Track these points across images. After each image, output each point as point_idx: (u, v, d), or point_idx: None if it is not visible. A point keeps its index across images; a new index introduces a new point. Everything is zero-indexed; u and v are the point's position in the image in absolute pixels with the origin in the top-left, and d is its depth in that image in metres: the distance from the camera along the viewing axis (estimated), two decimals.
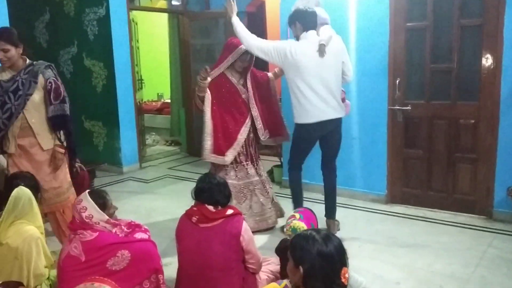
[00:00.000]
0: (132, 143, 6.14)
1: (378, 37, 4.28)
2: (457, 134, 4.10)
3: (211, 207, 2.46)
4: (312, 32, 3.53)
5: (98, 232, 2.32)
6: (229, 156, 3.82)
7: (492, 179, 3.94)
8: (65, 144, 3.32)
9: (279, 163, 5.46)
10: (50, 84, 3.19)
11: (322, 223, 3.98)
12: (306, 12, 3.55)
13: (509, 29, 3.71)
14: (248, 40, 3.59)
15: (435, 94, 4.16)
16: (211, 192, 2.48)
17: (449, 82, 4.07)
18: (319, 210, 4.31)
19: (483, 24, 3.85)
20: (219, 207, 2.49)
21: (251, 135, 3.98)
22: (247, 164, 3.92)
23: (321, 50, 3.44)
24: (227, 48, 3.86)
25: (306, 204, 4.48)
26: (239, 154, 3.88)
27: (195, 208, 2.50)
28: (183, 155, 7.15)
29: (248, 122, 3.93)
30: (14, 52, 3.09)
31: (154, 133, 8.34)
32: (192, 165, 6.47)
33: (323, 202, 4.57)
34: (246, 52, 3.78)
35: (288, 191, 4.59)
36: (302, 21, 3.54)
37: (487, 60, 3.87)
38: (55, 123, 3.25)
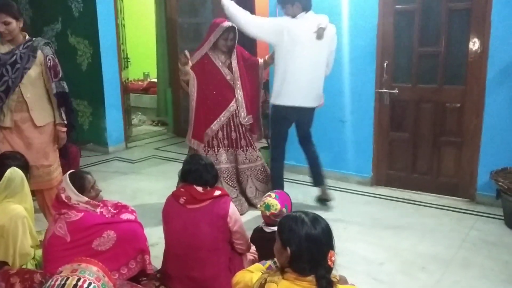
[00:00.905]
0: (118, 122, 6.07)
1: (367, 19, 4.26)
2: (443, 117, 4.13)
3: (199, 188, 2.45)
4: (311, 13, 3.52)
5: (83, 213, 2.31)
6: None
7: (476, 163, 4.00)
8: (65, 122, 3.30)
9: (266, 145, 5.45)
10: (49, 61, 3.21)
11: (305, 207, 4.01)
12: None
13: (497, 13, 3.72)
14: (243, 18, 3.54)
15: (422, 77, 4.18)
16: (199, 172, 2.47)
17: (436, 65, 4.09)
18: (304, 191, 4.37)
19: (471, 8, 3.85)
20: (208, 188, 2.49)
21: (237, 118, 3.94)
22: (217, 150, 3.90)
23: (320, 33, 3.44)
24: (210, 28, 3.80)
25: (292, 185, 4.53)
26: (213, 139, 3.89)
27: (182, 189, 2.48)
28: (169, 135, 7.11)
29: (232, 105, 3.89)
30: (15, 25, 3.09)
31: (140, 113, 8.26)
32: (179, 145, 6.44)
33: (308, 184, 4.62)
34: (228, 29, 3.72)
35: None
36: (302, 1, 3.49)
37: (474, 44, 3.88)
38: (58, 100, 3.25)
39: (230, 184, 3.90)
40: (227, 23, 3.70)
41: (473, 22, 3.86)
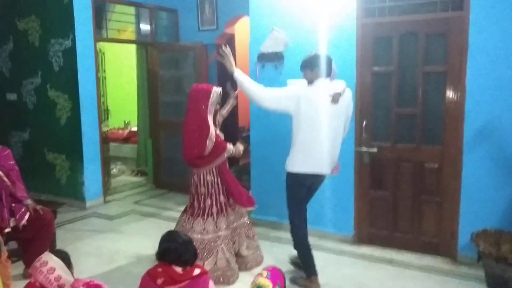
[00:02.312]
0: (96, 176, 5.96)
1: (346, 79, 4.30)
2: (422, 177, 4.16)
3: (178, 269, 2.38)
4: (327, 80, 3.47)
5: None
6: None
7: (456, 222, 4.01)
8: None
9: None
10: None
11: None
12: (327, 59, 3.49)
13: (471, 76, 3.83)
14: (258, 94, 3.48)
15: (401, 137, 4.23)
16: (178, 252, 2.40)
17: (413, 126, 4.15)
18: (290, 249, 4.29)
19: (447, 71, 3.96)
20: (187, 267, 2.41)
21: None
22: (217, 217, 3.76)
23: (336, 98, 3.38)
24: (203, 95, 3.69)
25: (274, 244, 4.47)
26: (211, 205, 3.76)
27: (160, 269, 2.40)
28: (149, 187, 7.00)
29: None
30: None
31: (120, 163, 8.16)
32: (159, 198, 6.35)
33: (292, 242, 4.55)
34: (219, 94, 3.76)
35: (258, 229, 4.57)
36: (321, 68, 3.44)
37: (450, 106, 3.97)
38: None
39: (230, 251, 3.77)
40: (218, 88, 3.77)
41: (449, 84, 3.96)
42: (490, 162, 3.84)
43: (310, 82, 3.54)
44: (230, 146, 3.77)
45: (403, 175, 4.24)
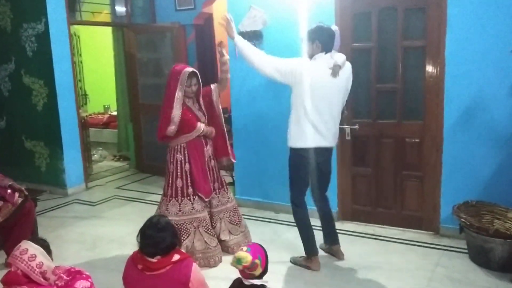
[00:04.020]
0: (76, 162, 5.87)
1: None
2: (404, 152, 4.17)
3: (152, 259, 2.34)
4: (328, 55, 3.39)
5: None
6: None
7: (438, 196, 4.04)
8: None
9: (232, 181, 5.38)
10: None
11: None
12: (328, 32, 3.40)
13: (450, 50, 3.81)
14: (260, 61, 3.42)
15: (382, 113, 4.23)
16: (149, 248, 2.36)
17: (394, 101, 4.14)
18: (273, 229, 4.31)
19: (426, 46, 3.94)
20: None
21: (211, 162, 3.86)
22: (193, 198, 3.71)
23: (335, 71, 3.33)
24: (173, 77, 3.63)
25: (258, 223, 4.48)
26: (183, 186, 3.71)
27: (139, 255, 2.37)
28: (132, 171, 6.93)
29: (208, 149, 3.82)
30: None
31: (101, 148, 8.05)
32: (141, 183, 6.30)
33: (276, 221, 4.58)
34: (190, 75, 3.64)
35: (243, 210, 4.57)
36: (323, 41, 3.37)
37: (430, 81, 3.96)
38: None
39: (209, 233, 3.73)
40: (187, 69, 3.63)
41: (428, 59, 3.95)
42: (470, 135, 3.85)
43: (311, 56, 3.46)
44: (200, 125, 3.68)
45: (385, 151, 4.25)
